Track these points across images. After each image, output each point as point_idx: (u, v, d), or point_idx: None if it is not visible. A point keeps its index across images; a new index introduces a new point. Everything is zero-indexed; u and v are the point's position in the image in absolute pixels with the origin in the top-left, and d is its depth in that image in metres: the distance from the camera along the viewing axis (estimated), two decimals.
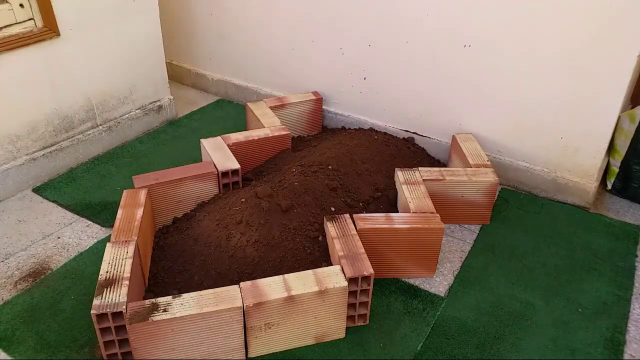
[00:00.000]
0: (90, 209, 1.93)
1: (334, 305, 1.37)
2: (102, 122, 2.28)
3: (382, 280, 1.62)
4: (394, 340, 1.44)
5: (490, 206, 1.84)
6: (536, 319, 1.51)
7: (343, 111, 2.40)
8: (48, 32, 1.94)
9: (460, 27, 1.92)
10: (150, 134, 2.45)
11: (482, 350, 1.42)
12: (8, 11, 1.85)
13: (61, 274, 1.64)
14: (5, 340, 1.43)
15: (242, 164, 1.84)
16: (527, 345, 1.43)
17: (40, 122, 2.04)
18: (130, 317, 1.25)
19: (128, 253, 1.40)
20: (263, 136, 2.01)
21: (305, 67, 2.43)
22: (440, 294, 1.60)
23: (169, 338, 1.28)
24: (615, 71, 1.71)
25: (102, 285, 1.30)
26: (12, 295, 1.57)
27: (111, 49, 2.20)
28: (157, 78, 2.46)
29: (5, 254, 1.73)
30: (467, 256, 1.74)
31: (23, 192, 2.03)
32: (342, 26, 2.22)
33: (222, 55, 2.73)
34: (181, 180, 1.73)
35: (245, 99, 2.70)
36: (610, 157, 2.01)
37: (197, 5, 2.66)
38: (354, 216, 1.58)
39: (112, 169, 2.18)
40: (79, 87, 2.14)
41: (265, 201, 1.60)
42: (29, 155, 2.04)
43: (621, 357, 1.41)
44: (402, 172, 1.79)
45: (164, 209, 1.75)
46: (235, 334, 1.33)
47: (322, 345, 1.42)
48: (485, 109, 2.00)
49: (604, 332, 1.47)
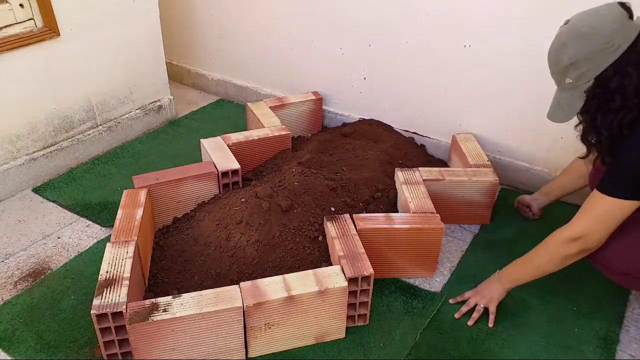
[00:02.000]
0: (90, 209, 1.93)
1: (334, 305, 1.37)
2: (102, 122, 2.28)
3: (382, 280, 1.62)
4: (394, 340, 1.44)
5: (490, 206, 1.84)
6: (530, 316, 1.51)
7: (343, 111, 2.40)
8: (48, 32, 1.94)
9: (460, 27, 1.92)
10: (150, 134, 2.45)
11: (474, 346, 1.42)
12: (8, 11, 1.85)
13: (61, 274, 1.64)
14: (5, 340, 1.43)
15: (242, 164, 1.84)
16: (520, 343, 1.43)
17: (40, 122, 2.04)
18: (130, 317, 1.25)
19: (128, 253, 1.40)
20: (263, 136, 2.01)
21: (305, 67, 2.43)
22: (438, 291, 1.60)
23: (169, 338, 1.28)
24: None
25: (102, 285, 1.30)
26: (12, 295, 1.57)
27: (111, 49, 2.20)
28: (157, 78, 2.46)
29: (5, 254, 1.73)
30: (465, 254, 1.74)
31: (23, 192, 2.03)
32: (342, 26, 2.22)
33: (222, 55, 2.73)
34: (181, 180, 1.73)
35: (245, 99, 2.70)
36: None
37: (197, 5, 2.66)
38: (354, 216, 1.58)
39: (112, 169, 2.18)
40: (79, 87, 2.14)
41: (265, 201, 1.60)
42: (29, 155, 2.04)
43: (614, 356, 1.41)
44: (402, 172, 1.79)
45: (164, 209, 1.75)
46: (235, 334, 1.33)
47: (322, 345, 1.42)
48: (485, 109, 2.00)
49: (598, 331, 1.47)
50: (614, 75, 1.18)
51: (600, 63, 1.18)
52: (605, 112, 1.21)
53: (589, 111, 1.25)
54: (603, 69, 1.18)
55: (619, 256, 1.35)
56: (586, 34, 1.18)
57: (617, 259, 1.35)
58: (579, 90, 1.23)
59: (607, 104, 1.20)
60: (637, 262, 1.34)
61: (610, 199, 1.23)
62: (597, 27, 1.17)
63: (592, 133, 1.27)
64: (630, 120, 1.19)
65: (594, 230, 1.27)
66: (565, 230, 1.31)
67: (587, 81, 1.21)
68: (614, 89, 1.18)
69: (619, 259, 1.35)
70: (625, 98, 1.18)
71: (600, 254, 1.35)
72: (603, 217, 1.25)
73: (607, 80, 1.19)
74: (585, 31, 1.18)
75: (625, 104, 1.18)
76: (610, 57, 1.17)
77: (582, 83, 1.22)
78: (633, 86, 1.17)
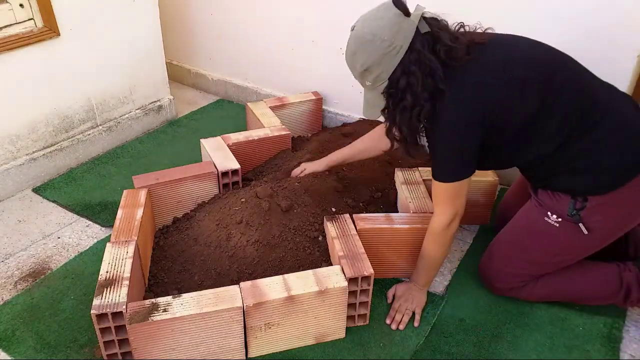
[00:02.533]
0: (90, 209, 1.93)
1: (334, 305, 1.37)
2: (102, 122, 2.28)
3: (382, 280, 1.62)
4: (394, 340, 1.44)
5: (490, 206, 1.84)
6: (534, 316, 1.51)
7: (343, 111, 2.40)
8: (48, 32, 1.94)
9: None
10: (150, 134, 2.45)
11: (480, 348, 1.42)
12: (8, 11, 1.85)
13: (61, 274, 1.64)
14: (5, 340, 1.43)
15: (242, 164, 1.84)
16: (525, 344, 1.43)
17: (40, 122, 2.04)
18: (130, 317, 1.25)
19: (128, 253, 1.40)
20: (263, 136, 2.01)
21: (305, 67, 2.43)
22: (440, 294, 1.60)
23: (169, 338, 1.28)
24: (615, 72, 1.71)
25: (102, 285, 1.30)
26: (12, 295, 1.57)
27: (111, 48, 2.20)
28: (157, 78, 2.46)
29: (5, 254, 1.73)
30: (466, 255, 1.74)
31: (23, 192, 2.03)
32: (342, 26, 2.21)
33: (222, 55, 2.73)
34: (181, 180, 1.73)
35: (245, 99, 2.70)
36: None
37: (197, 6, 2.66)
38: (354, 216, 1.58)
39: (112, 169, 2.18)
40: (79, 87, 2.14)
41: (265, 201, 1.60)
42: (29, 155, 2.04)
43: (618, 355, 1.41)
44: (402, 172, 1.79)
45: (164, 209, 1.75)
46: (235, 334, 1.33)
47: (322, 345, 1.42)
48: None
49: (602, 329, 1.47)
50: (402, 75, 1.23)
51: (389, 65, 1.23)
52: (402, 110, 1.27)
53: (388, 110, 1.31)
54: (392, 70, 1.23)
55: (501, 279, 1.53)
56: (370, 40, 1.21)
57: (500, 281, 1.53)
58: (378, 90, 1.28)
59: (401, 103, 1.26)
60: (513, 278, 1.50)
61: (444, 184, 1.35)
62: (378, 33, 1.20)
63: (395, 129, 1.35)
64: (426, 114, 1.26)
65: (458, 206, 1.37)
66: (440, 220, 1.39)
67: (383, 83, 1.26)
68: (403, 88, 1.24)
69: (502, 282, 1.53)
70: (415, 95, 1.23)
71: (486, 283, 1.58)
72: (453, 196, 1.36)
73: (396, 80, 1.24)
74: (368, 38, 1.21)
75: (416, 100, 1.24)
76: (395, 59, 1.22)
77: (379, 85, 1.27)
78: (420, 83, 1.22)
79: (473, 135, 1.28)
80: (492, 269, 1.55)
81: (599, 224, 1.33)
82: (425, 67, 1.22)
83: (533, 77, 1.27)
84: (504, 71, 1.27)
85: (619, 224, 1.37)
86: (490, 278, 1.56)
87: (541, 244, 1.43)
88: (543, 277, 1.49)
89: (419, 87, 1.22)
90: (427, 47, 1.22)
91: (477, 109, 1.26)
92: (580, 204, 1.32)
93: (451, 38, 1.24)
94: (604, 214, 1.32)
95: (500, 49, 1.30)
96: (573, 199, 1.33)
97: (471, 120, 1.26)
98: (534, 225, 1.42)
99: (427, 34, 1.22)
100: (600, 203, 1.31)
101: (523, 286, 1.51)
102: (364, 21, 1.25)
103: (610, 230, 1.37)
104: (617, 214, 1.34)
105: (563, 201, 1.35)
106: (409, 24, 1.21)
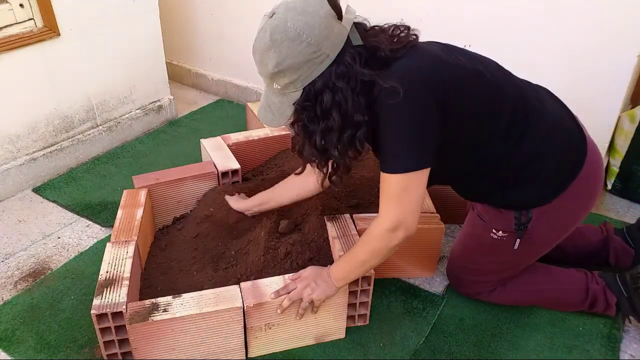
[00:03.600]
0: (90, 209, 1.93)
1: (334, 305, 1.37)
2: (102, 122, 2.28)
3: (382, 280, 1.62)
4: (394, 340, 1.44)
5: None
6: (534, 316, 1.51)
7: None
8: (48, 32, 1.94)
9: (461, 27, 1.91)
10: (150, 134, 2.45)
11: (480, 348, 1.42)
12: (8, 11, 1.85)
13: (61, 274, 1.64)
14: (5, 340, 1.43)
15: (242, 164, 1.84)
16: (525, 343, 1.43)
17: (40, 122, 2.04)
18: (130, 317, 1.25)
19: (128, 253, 1.40)
20: (263, 136, 2.01)
21: None
22: (440, 294, 1.59)
23: (169, 338, 1.28)
24: (615, 71, 1.71)
25: (102, 285, 1.30)
26: (12, 295, 1.57)
27: (111, 49, 2.20)
28: (157, 78, 2.46)
29: (5, 254, 1.73)
30: None
31: (23, 192, 2.03)
32: None
33: (222, 55, 2.73)
34: (181, 180, 1.73)
35: (245, 99, 2.70)
36: (610, 157, 2.01)
37: (197, 5, 2.66)
38: (354, 216, 1.58)
39: (112, 169, 2.18)
40: (79, 87, 2.14)
41: None
42: (29, 155, 2.04)
43: (618, 355, 1.41)
44: None
45: (164, 209, 1.75)
46: (235, 334, 1.33)
47: (322, 346, 1.42)
48: None
49: (602, 329, 1.47)
50: (324, 89, 1.05)
51: (308, 74, 1.05)
52: (326, 132, 1.09)
53: (302, 126, 1.13)
54: (311, 80, 1.06)
55: (465, 285, 1.52)
56: (292, 39, 1.02)
57: (465, 287, 1.52)
58: (288, 98, 1.10)
59: (325, 122, 1.08)
60: (477, 285, 1.49)
61: (395, 176, 1.12)
62: (305, 33, 1.02)
63: (316, 153, 1.15)
64: (363, 136, 1.10)
65: (407, 212, 1.15)
66: (381, 223, 1.18)
67: (295, 91, 1.08)
68: (328, 105, 1.06)
69: (466, 288, 1.52)
70: (345, 115, 1.06)
71: (454, 287, 1.56)
72: (403, 194, 1.14)
73: (316, 93, 1.06)
74: (291, 36, 1.02)
75: (346, 121, 1.07)
76: (317, 69, 1.05)
77: (290, 92, 1.09)
78: (351, 102, 1.05)
79: (426, 115, 1.09)
80: (454, 277, 1.55)
81: (546, 231, 1.31)
82: (356, 83, 1.06)
83: (476, 67, 1.17)
84: (449, 57, 1.15)
85: (567, 225, 1.33)
86: (455, 285, 1.56)
87: (493, 257, 1.40)
88: (509, 282, 1.46)
89: (349, 107, 1.06)
90: (359, 61, 1.06)
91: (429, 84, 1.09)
92: (525, 217, 1.26)
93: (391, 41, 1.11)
94: (550, 220, 1.28)
95: (436, 44, 1.20)
96: (518, 213, 1.27)
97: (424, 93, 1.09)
98: (482, 240, 1.38)
99: (361, 47, 1.07)
100: (545, 211, 1.26)
101: (490, 291, 1.48)
102: (288, 11, 1.04)
103: (557, 233, 1.34)
104: (564, 216, 1.30)
105: (505, 216, 1.29)
106: (340, 30, 1.05)
